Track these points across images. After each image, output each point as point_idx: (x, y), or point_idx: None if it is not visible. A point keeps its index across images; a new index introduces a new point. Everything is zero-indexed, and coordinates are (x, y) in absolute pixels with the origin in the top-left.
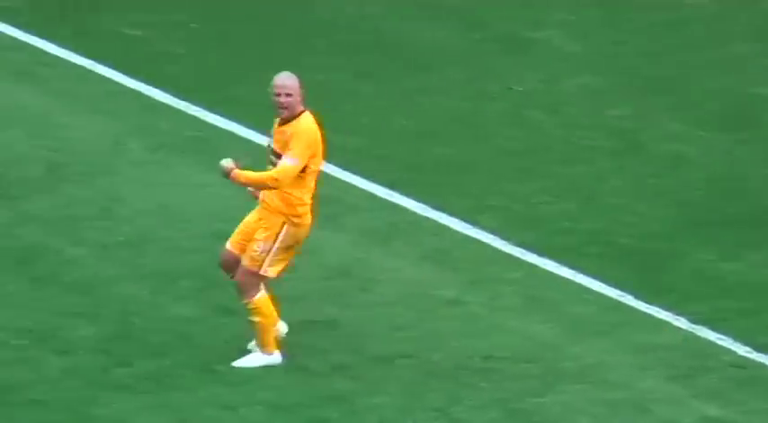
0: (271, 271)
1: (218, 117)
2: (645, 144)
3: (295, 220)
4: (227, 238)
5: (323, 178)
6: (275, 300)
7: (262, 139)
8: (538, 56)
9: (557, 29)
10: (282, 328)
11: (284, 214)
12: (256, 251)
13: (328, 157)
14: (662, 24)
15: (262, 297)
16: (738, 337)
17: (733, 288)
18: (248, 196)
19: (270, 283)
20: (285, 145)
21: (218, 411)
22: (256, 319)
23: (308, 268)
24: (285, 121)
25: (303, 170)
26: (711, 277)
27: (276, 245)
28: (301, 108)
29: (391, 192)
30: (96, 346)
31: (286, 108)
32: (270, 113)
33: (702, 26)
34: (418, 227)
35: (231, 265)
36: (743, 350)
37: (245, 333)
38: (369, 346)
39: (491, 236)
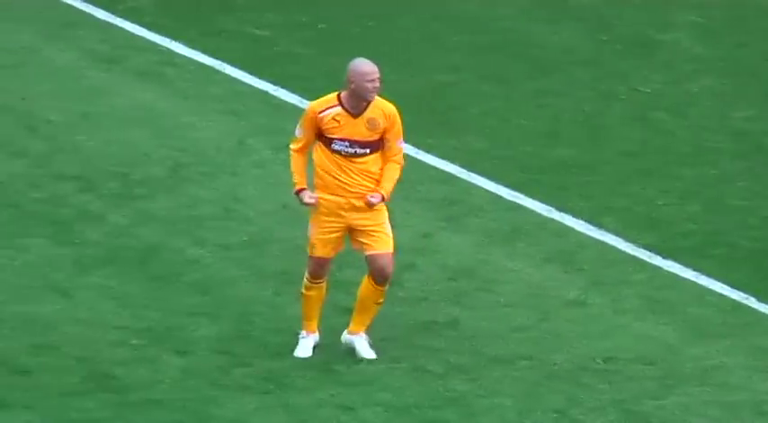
0: None
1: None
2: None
3: None
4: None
5: (447, 179)
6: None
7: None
8: (664, 57)
9: (683, 31)
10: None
11: None
12: (389, 235)
13: (452, 158)
14: None
15: None
16: None
17: None
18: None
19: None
20: (377, 131)
21: (335, 412)
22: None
23: (430, 269)
24: (362, 110)
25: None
26: None
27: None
28: None
29: (515, 193)
30: (216, 347)
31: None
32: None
33: None
34: (541, 228)
35: (325, 271)
36: None
37: (368, 332)
38: (488, 348)
39: (614, 237)
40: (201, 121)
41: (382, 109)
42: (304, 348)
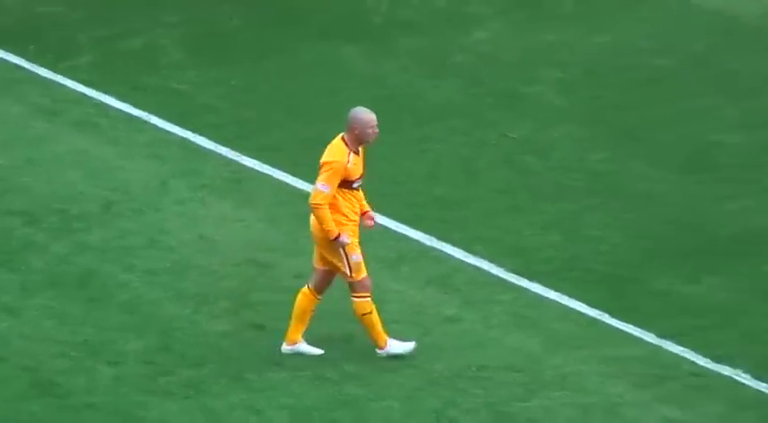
0: None
1: (253, 161)
2: (620, 185)
3: None
4: (257, 265)
5: None
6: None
7: (291, 181)
8: (529, 108)
9: (546, 85)
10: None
11: None
12: None
13: None
14: (635, 82)
15: None
16: (698, 349)
17: (693, 308)
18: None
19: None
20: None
21: (246, 413)
22: None
23: (328, 290)
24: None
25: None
26: (675, 298)
27: None
28: None
29: (401, 225)
30: (143, 358)
31: None
32: (294, 158)
33: (668, 83)
34: (423, 255)
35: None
36: (702, 361)
37: (273, 346)
38: (377, 358)
39: (486, 262)
40: (130, 165)
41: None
42: (404, 347)
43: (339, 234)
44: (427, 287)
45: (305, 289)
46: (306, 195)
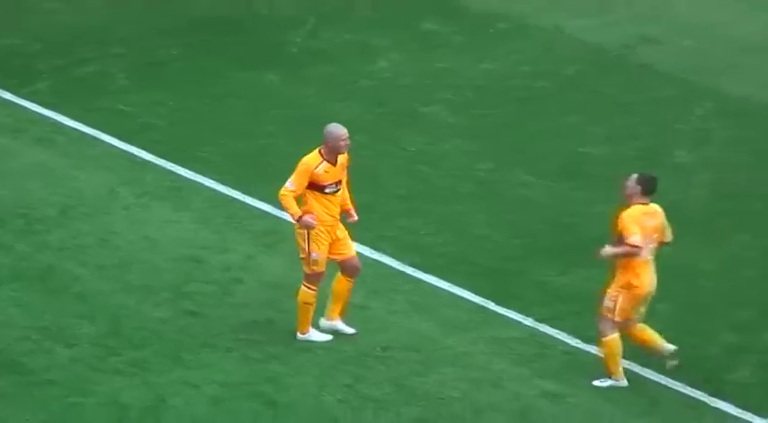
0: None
1: (187, 171)
2: (503, 190)
3: None
4: (192, 260)
5: (265, 215)
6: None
7: (220, 188)
8: (425, 125)
9: (440, 105)
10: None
11: None
12: None
13: (269, 200)
14: (516, 101)
15: None
16: (570, 331)
17: (565, 296)
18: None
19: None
20: (344, 171)
21: (183, 388)
22: None
23: (252, 282)
24: (336, 159)
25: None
26: (550, 288)
27: None
28: None
29: None
30: (95, 341)
31: None
32: (223, 169)
33: (544, 102)
34: None
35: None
36: (573, 341)
37: (207, 329)
38: (295, 340)
39: (389, 258)
40: (83, 175)
41: (343, 156)
42: (321, 338)
43: (301, 216)
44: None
45: (338, 276)
46: (231, 200)
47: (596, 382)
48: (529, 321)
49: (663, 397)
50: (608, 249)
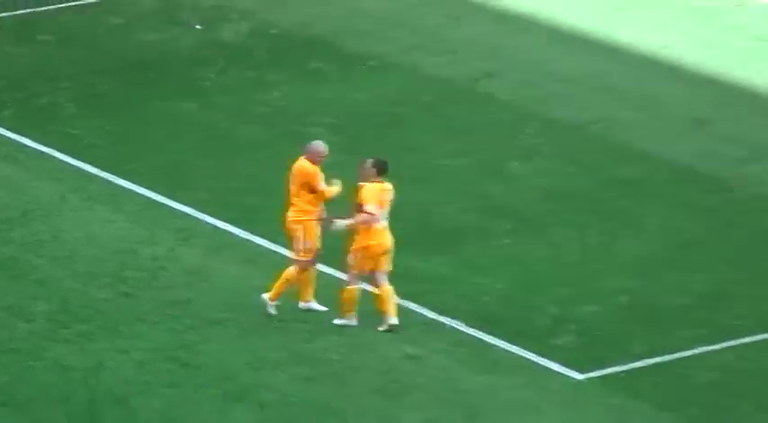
0: None
1: (123, 181)
2: None
3: None
4: (127, 252)
5: (184, 215)
6: None
7: (149, 194)
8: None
9: (323, 127)
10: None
11: None
12: None
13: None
14: (383, 124)
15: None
16: (427, 305)
17: (424, 277)
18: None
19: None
20: None
21: (117, 354)
22: None
23: (174, 270)
24: None
25: None
26: (413, 271)
27: None
28: None
29: (224, 223)
30: (48, 317)
31: None
32: (151, 179)
33: (407, 124)
34: (239, 244)
35: None
36: (430, 314)
37: (138, 307)
38: (209, 313)
39: (283, 248)
40: (39, 185)
41: None
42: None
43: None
44: (241, 266)
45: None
46: (157, 203)
47: (336, 321)
48: (395, 298)
49: (501, 358)
50: (346, 221)
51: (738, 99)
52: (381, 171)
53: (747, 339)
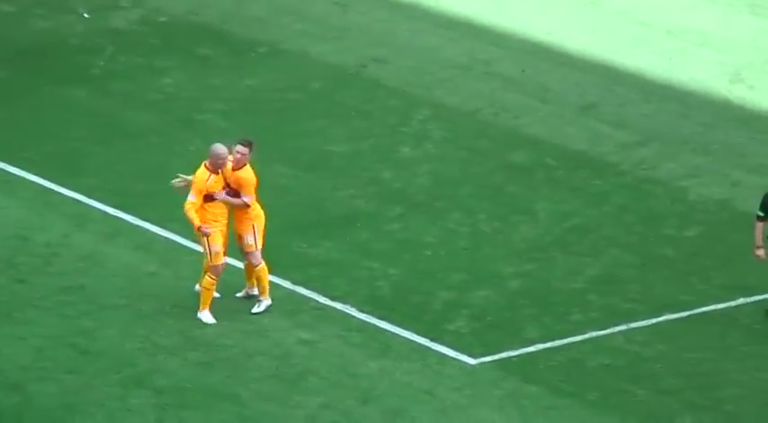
0: None
1: (14, 168)
2: (265, 180)
3: None
4: (19, 238)
5: (76, 202)
6: None
7: (40, 181)
8: (202, 129)
9: (214, 113)
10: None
11: None
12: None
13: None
14: (272, 110)
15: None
16: (319, 291)
17: (316, 263)
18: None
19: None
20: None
21: (13, 340)
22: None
23: (67, 256)
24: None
25: None
26: (303, 257)
27: None
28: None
29: (115, 210)
30: None
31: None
32: (43, 166)
33: (297, 110)
34: (132, 231)
35: None
36: (322, 299)
37: (32, 293)
38: (105, 299)
39: (176, 235)
40: None
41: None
42: (209, 320)
43: (200, 225)
44: (134, 252)
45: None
46: (49, 190)
47: (255, 310)
48: (287, 284)
49: (394, 342)
50: (227, 197)
51: (625, 84)
52: (252, 149)
53: (639, 323)
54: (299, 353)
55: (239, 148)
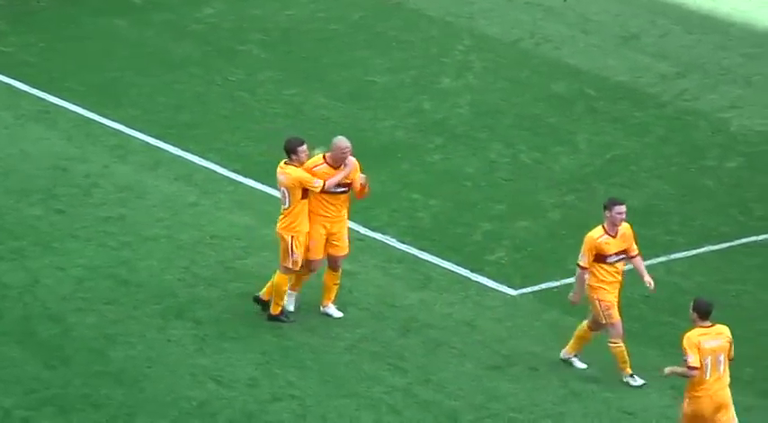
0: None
1: (55, 98)
2: (306, 111)
3: None
4: (59, 169)
5: (117, 133)
6: None
7: (82, 111)
8: (243, 60)
9: (253, 44)
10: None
11: None
12: None
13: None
14: (315, 40)
15: None
16: (360, 222)
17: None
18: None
19: None
20: None
21: (53, 270)
22: None
23: (107, 187)
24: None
25: None
26: None
27: None
28: None
29: (157, 140)
30: None
31: None
32: (83, 96)
33: (338, 41)
34: (173, 161)
35: None
36: (363, 230)
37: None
38: (141, 229)
39: (215, 165)
40: None
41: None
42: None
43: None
44: (175, 182)
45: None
46: (90, 121)
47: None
48: None
49: (434, 273)
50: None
51: (666, 15)
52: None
53: (679, 255)
54: (343, 283)
55: None
